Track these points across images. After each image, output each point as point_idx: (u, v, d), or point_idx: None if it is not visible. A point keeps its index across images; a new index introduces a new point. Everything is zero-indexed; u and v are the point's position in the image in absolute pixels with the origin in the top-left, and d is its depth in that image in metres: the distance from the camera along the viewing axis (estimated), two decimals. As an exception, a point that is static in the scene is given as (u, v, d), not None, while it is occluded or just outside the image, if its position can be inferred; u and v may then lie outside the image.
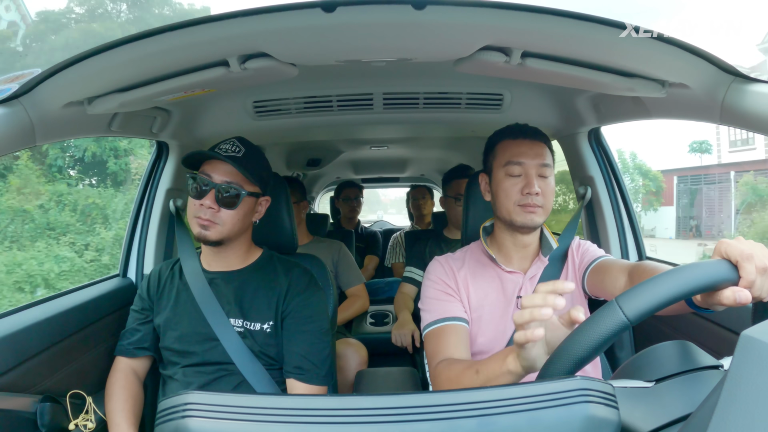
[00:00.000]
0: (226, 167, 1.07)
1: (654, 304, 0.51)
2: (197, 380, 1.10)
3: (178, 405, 0.43)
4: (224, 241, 1.11)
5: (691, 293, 0.52)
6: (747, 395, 0.37)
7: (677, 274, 0.52)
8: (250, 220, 1.15)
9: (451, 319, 1.02)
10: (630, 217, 1.53)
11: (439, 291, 1.06)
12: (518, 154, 1.03)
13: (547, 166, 1.04)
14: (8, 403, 0.92)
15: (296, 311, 1.12)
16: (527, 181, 1.02)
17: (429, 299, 1.06)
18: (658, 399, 0.48)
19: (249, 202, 1.11)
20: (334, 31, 0.78)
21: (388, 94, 1.44)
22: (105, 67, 0.83)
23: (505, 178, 1.04)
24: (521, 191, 1.02)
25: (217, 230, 1.07)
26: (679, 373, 0.50)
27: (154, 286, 1.20)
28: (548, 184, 1.04)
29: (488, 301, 1.06)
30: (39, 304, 1.12)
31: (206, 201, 1.05)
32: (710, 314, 1.09)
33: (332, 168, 3.34)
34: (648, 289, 0.52)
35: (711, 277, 0.53)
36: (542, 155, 1.04)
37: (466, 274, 1.08)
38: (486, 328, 1.04)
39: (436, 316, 1.03)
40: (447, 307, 1.04)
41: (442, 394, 0.44)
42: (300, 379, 1.09)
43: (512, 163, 1.03)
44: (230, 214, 1.07)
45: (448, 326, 1.01)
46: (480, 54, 0.85)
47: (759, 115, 0.77)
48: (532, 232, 1.08)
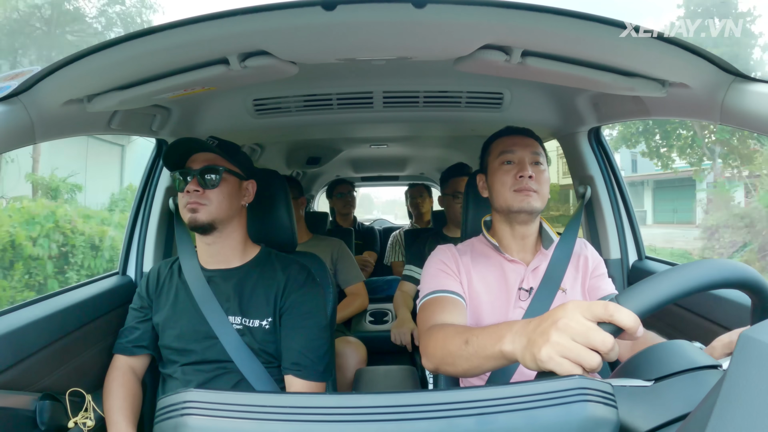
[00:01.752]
0: (205, 155, 1.11)
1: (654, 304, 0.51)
2: (196, 378, 1.10)
3: (177, 403, 0.43)
4: (216, 224, 1.11)
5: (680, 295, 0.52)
6: (746, 395, 0.37)
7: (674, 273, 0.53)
8: (239, 203, 1.16)
9: (448, 292, 1.00)
10: (630, 216, 1.53)
11: (438, 270, 1.07)
12: (511, 144, 1.09)
13: (539, 155, 1.08)
14: (7, 401, 0.92)
15: (294, 307, 1.12)
16: (521, 167, 1.05)
17: (427, 276, 1.07)
18: (656, 398, 0.48)
19: (232, 182, 1.13)
20: (334, 29, 0.78)
21: (388, 93, 1.44)
22: (105, 65, 0.83)
23: (499, 168, 1.08)
24: (515, 176, 1.05)
25: (206, 210, 1.09)
26: (677, 373, 0.50)
27: (153, 285, 1.20)
28: (542, 172, 1.07)
29: (489, 289, 1.06)
30: (38, 302, 1.13)
31: (190, 186, 1.09)
32: (710, 314, 1.10)
33: (332, 166, 3.33)
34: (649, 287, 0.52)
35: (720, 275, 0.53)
36: (535, 146, 1.09)
37: (468, 261, 1.09)
38: (486, 318, 1.04)
39: (433, 288, 1.02)
40: (444, 281, 1.03)
41: (442, 393, 0.44)
42: (298, 375, 1.09)
43: (506, 152, 1.08)
44: (215, 193, 1.10)
45: (443, 297, 0.99)
46: (480, 53, 0.85)
47: (759, 115, 0.77)
48: (531, 222, 1.09)
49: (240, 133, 1.64)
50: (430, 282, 1.04)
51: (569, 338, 0.51)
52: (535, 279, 1.07)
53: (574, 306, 0.53)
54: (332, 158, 2.88)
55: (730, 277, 0.53)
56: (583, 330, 0.50)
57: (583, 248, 1.15)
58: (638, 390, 0.49)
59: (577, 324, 0.51)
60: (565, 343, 0.51)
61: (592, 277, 1.11)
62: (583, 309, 0.52)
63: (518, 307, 1.05)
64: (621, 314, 0.49)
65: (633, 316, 0.49)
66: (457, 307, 0.96)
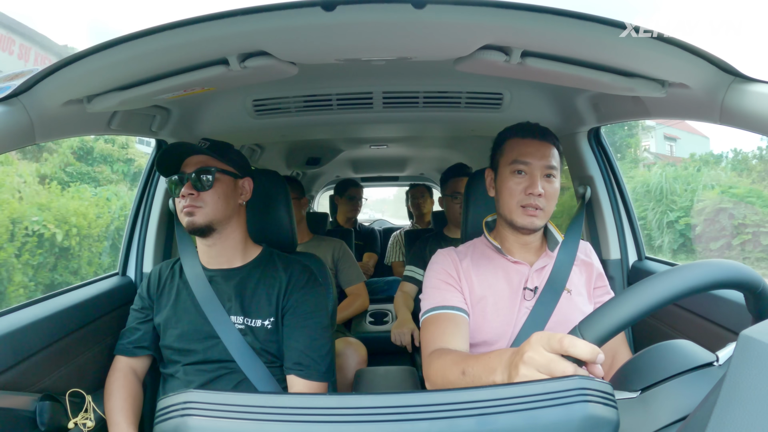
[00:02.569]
0: (197, 158, 1.12)
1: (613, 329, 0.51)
2: (198, 378, 1.10)
3: (177, 404, 0.43)
4: (214, 226, 1.11)
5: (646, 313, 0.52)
6: (746, 395, 0.37)
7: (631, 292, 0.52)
8: (236, 202, 1.15)
9: (450, 308, 1.01)
10: (629, 217, 1.53)
11: (439, 281, 1.06)
12: (525, 154, 1.03)
13: (553, 167, 1.04)
14: (7, 402, 0.92)
15: (296, 307, 1.12)
16: (531, 182, 1.02)
17: (429, 288, 1.07)
18: (644, 409, 0.48)
19: (226, 181, 1.13)
20: (334, 29, 0.78)
21: (388, 93, 1.44)
22: (104, 65, 0.83)
23: (510, 177, 1.04)
24: (525, 191, 1.02)
25: (202, 213, 1.09)
26: (664, 380, 0.50)
27: (154, 285, 1.20)
28: (553, 185, 1.04)
29: (493, 291, 1.05)
30: (38, 303, 1.12)
31: (185, 190, 1.09)
32: (710, 314, 1.10)
33: (332, 167, 3.33)
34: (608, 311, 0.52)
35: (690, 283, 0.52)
36: (549, 156, 1.04)
37: (470, 264, 1.08)
38: (491, 318, 1.04)
39: (435, 303, 1.03)
40: (446, 296, 1.04)
41: (442, 393, 0.44)
42: (300, 375, 1.09)
43: (518, 162, 1.04)
44: (210, 194, 1.10)
45: (445, 314, 1.01)
46: (480, 53, 0.85)
47: (759, 115, 0.77)
48: (534, 233, 1.08)
49: (240, 133, 1.64)
50: (432, 295, 1.05)
51: (534, 370, 0.55)
52: (540, 279, 1.07)
53: (537, 339, 0.56)
54: (332, 159, 2.88)
55: (694, 286, 0.51)
56: (545, 362, 0.54)
57: (589, 253, 1.15)
58: (625, 403, 0.49)
59: (540, 356, 0.55)
60: (531, 375, 0.55)
61: (595, 287, 1.11)
62: (544, 342, 0.55)
63: (524, 307, 1.04)
64: (576, 348, 0.51)
65: (589, 348, 0.51)
66: (458, 326, 0.99)
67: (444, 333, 0.97)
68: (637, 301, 0.51)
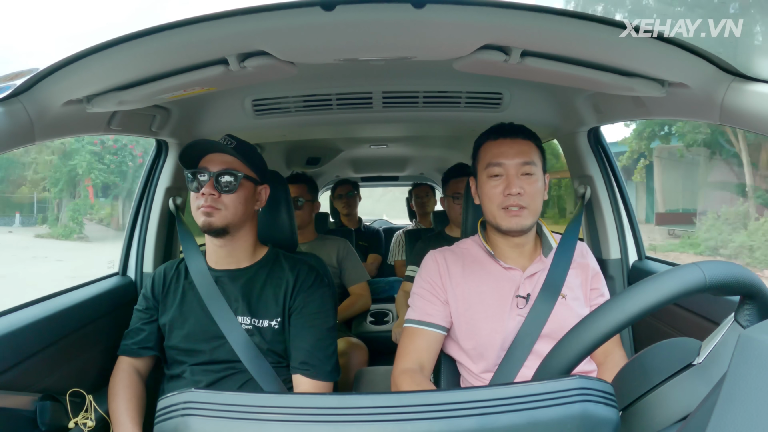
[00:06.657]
0: (223, 157, 1.10)
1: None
2: (205, 379, 1.10)
3: (177, 403, 0.43)
4: (229, 229, 1.11)
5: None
6: (746, 395, 0.37)
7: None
8: (253, 208, 1.15)
9: (429, 325, 1.05)
10: (630, 216, 1.53)
11: (424, 290, 1.08)
12: (497, 155, 1.03)
13: (529, 164, 1.02)
14: (8, 402, 0.92)
15: (303, 307, 1.12)
16: (508, 182, 1.01)
17: (414, 294, 1.10)
18: (625, 429, 0.49)
19: (248, 187, 1.12)
20: (334, 29, 0.78)
21: (388, 93, 1.44)
22: (104, 66, 0.83)
23: (487, 181, 1.04)
24: (503, 192, 1.01)
25: (221, 215, 1.08)
26: (641, 396, 0.50)
27: (159, 286, 1.20)
28: (532, 182, 1.02)
29: (481, 298, 1.05)
30: (38, 303, 1.13)
31: (206, 189, 1.07)
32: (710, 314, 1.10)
33: (332, 167, 3.33)
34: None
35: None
36: (523, 153, 1.03)
37: (460, 270, 1.08)
38: (480, 326, 1.03)
39: (416, 316, 1.06)
40: (428, 309, 1.06)
41: (442, 393, 0.44)
42: (306, 374, 1.09)
43: (492, 165, 1.03)
44: (231, 198, 1.09)
45: (423, 331, 1.05)
46: (479, 53, 0.85)
47: (759, 115, 0.77)
48: (525, 234, 1.07)
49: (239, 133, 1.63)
50: (416, 303, 1.08)
51: None
52: (532, 285, 1.06)
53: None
54: (332, 158, 2.88)
55: (649, 305, 0.49)
56: None
57: (585, 254, 1.14)
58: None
59: None
60: None
61: (591, 288, 1.10)
62: None
63: (517, 315, 1.03)
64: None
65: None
66: (430, 345, 1.05)
67: (416, 349, 1.03)
68: (591, 332, 0.50)
